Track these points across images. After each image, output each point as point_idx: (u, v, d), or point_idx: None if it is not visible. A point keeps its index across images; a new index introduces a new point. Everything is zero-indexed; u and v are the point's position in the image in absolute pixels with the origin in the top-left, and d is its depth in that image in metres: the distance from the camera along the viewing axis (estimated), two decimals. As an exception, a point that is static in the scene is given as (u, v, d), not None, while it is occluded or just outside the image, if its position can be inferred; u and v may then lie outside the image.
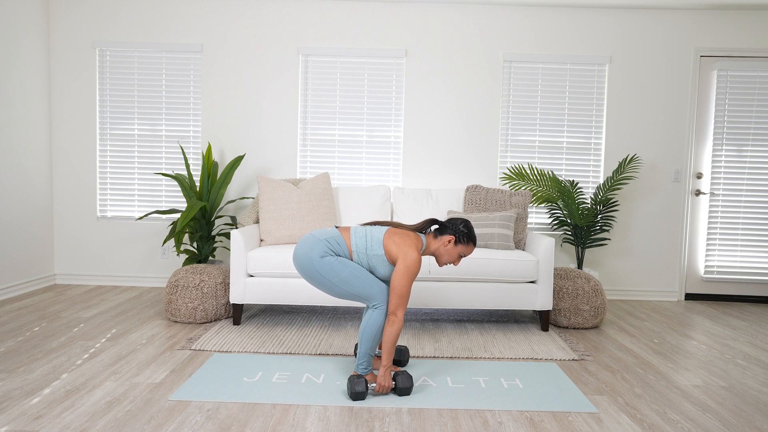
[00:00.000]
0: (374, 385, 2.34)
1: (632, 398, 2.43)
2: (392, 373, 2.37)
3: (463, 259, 2.59)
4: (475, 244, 2.48)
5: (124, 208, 4.59)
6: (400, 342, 3.15)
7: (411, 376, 2.36)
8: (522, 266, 3.35)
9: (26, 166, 4.23)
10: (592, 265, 4.60)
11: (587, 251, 4.59)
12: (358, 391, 2.27)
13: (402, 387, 2.34)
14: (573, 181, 4.15)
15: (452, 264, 2.52)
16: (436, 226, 2.50)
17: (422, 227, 2.47)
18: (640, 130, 4.54)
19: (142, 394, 2.33)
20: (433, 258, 3.30)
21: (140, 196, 4.58)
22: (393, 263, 2.37)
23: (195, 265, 3.64)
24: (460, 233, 2.44)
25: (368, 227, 2.45)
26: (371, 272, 2.43)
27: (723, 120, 4.51)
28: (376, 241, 2.38)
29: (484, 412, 2.23)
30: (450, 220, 2.48)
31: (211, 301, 3.46)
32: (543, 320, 3.45)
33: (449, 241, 2.43)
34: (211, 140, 4.54)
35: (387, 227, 2.45)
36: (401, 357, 2.69)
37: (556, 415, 2.23)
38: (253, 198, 4.27)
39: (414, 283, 3.34)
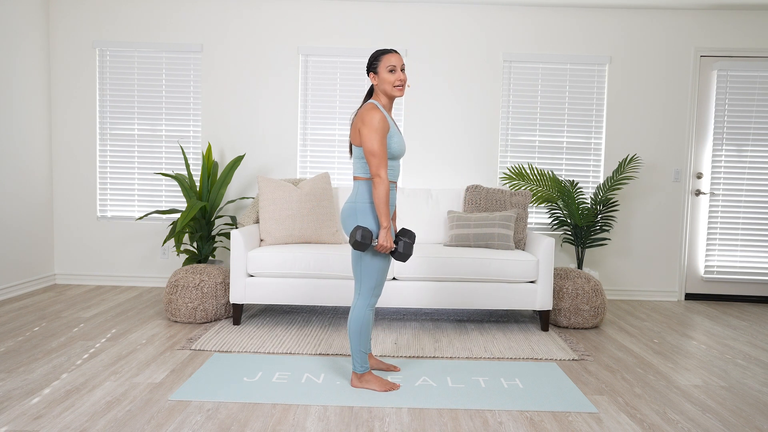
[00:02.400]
0: (376, 242, 2.31)
1: (632, 398, 2.43)
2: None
3: (404, 76, 2.42)
4: (389, 52, 2.38)
5: (124, 208, 4.59)
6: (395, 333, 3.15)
7: (412, 245, 2.36)
8: (522, 266, 3.35)
9: (26, 166, 4.23)
10: (592, 265, 4.61)
11: (587, 251, 4.59)
12: (357, 240, 2.25)
13: (402, 252, 2.34)
14: (573, 181, 4.15)
15: (400, 81, 2.38)
16: (370, 84, 2.49)
17: (366, 96, 2.49)
18: (640, 130, 4.54)
19: (142, 394, 2.33)
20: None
21: (140, 196, 4.58)
22: None
23: (195, 265, 3.64)
24: (370, 64, 2.39)
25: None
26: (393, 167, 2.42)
27: (723, 120, 4.51)
28: (357, 149, 2.36)
29: (484, 412, 2.23)
30: (367, 66, 2.44)
31: (211, 301, 3.46)
32: (543, 320, 3.45)
33: (373, 77, 2.39)
34: (211, 140, 4.54)
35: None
36: (406, 235, 2.58)
37: (556, 415, 2.23)
38: (253, 198, 4.27)
39: (414, 283, 3.34)
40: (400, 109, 4.53)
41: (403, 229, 2.44)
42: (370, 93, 2.49)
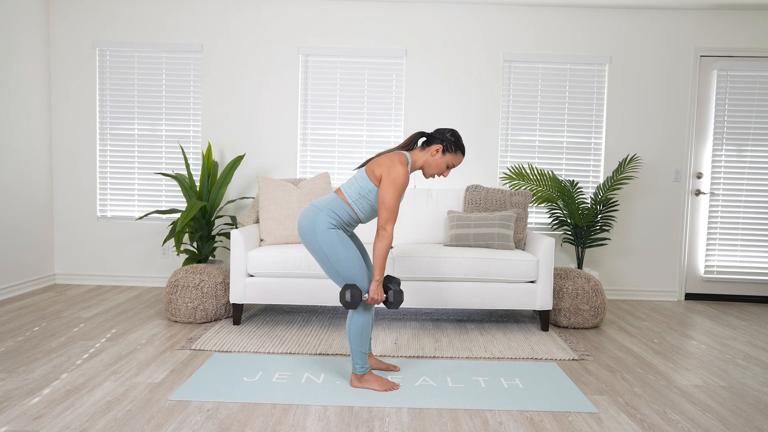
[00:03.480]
0: (367, 295, 2.32)
1: (632, 398, 2.43)
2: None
3: (452, 171, 2.50)
4: (463, 153, 2.44)
5: (124, 208, 4.59)
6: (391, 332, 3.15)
7: (402, 292, 2.38)
8: (522, 266, 3.35)
9: (26, 166, 4.23)
10: (592, 265, 4.60)
11: (587, 251, 4.59)
12: (347, 301, 2.26)
13: (393, 301, 2.36)
14: (573, 181, 4.15)
15: (441, 176, 2.47)
16: (423, 139, 2.48)
17: (408, 143, 2.44)
18: (640, 130, 4.54)
19: (142, 394, 2.33)
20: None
21: (140, 196, 4.58)
22: None
23: (195, 264, 3.64)
24: (447, 141, 2.40)
25: (354, 174, 2.44)
26: (376, 209, 2.40)
27: (723, 120, 4.51)
28: (362, 178, 2.36)
29: (484, 412, 2.23)
30: (437, 130, 2.44)
31: (211, 301, 3.46)
32: (543, 320, 3.45)
33: (437, 151, 2.40)
34: (211, 140, 4.54)
35: (370, 161, 2.43)
36: (392, 285, 2.60)
37: (556, 415, 2.23)
38: (253, 198, 4.27)
39: (414, 282, 3.34)
40: (401, 108, 4.53)
41: (388, 277, 2.47)
42: (414, 141, 2.44)
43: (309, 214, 2.36)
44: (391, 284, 2.42)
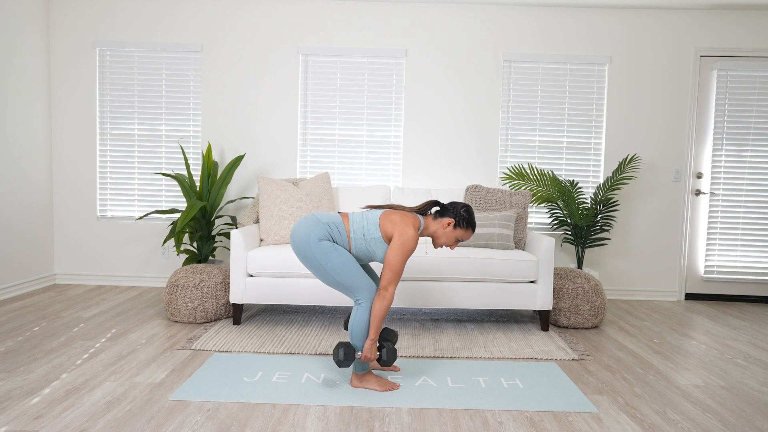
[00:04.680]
0: (360, 354, 2.34)
1: (632, 398, 2.43)
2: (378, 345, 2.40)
3: (459, 244, 2.56)
4: (474, 230, 2.49)
5: (124, 208, 4.59)
6: (393, 328, 3.15)
7: (396, 350, 2.41)
8: (522, 266, 3.35)
9: (26, 166, 4.23)
10: (592, 265, 4.60)
11: (587, 251, 4.59)
12: (340, 359, 2.28)
13: (387, 360, 2.38)
14: (573, 181, 4.15)
15: (448, 246, 2.52)
16: (437, 208, 2.51)
17: (422, 208, 2.47)
18: (640, 130, 4.54)
19: (142, 394, 2.33)
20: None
21: (140, 196, 4.58)
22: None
23: (195, 264, 3.64)
24: (460, 217, 2.44)
25: (366, 211, 2.45)
26: (371, 256, 2.42)
27: (723, 120, 4.51)
28: (373, 224, 2.38)
29: (484, 412, 2.23)
30: (452, 203, 2.47)
31: (211, 300, 3.46)
32: (543, 320, 3.45)
33: (449, 224, 2.43)
34: (211, 140, 4.54)
35: (384, 209, 2.45)
36: (390, 337, 2.65)
37: (556, 415, 2.23)
38: (253, 198, 4.26)
39: (414, 282, 3.34)
40: (401, 108, 4.53)
41: (385, 329, 2.47)
42: (428, 207, 2.47)
43: (307, 221, 2.37)
44: (386, 340, 2.47)
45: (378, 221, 2.38)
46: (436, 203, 2.48)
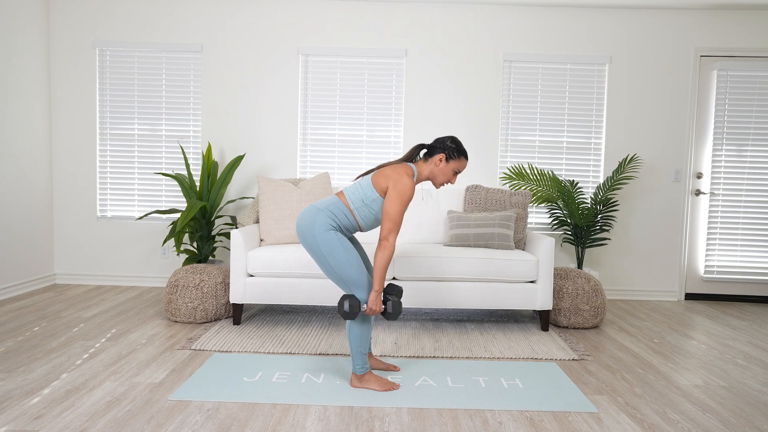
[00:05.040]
0: (365, 307, 2.32)
1: (632, 398, 2.43)
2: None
3: (458, 176, 2.51)
4: (467, 158, 2.47)
5: (124, 207, 4.59)
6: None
7: (401, 303, 2.38)
8: (522, 266, 3.35)
9: (26, 166, 4.23)
10: (592, 264, 4.60)
11: (587, 251, 4.59)
12: (346, 311, 2.26)
13: (392, 312, 2.36)
14: (573, 181, 4.15)
15: (450, 183, 2.51)
16: (425, 150, 2.50)
17: (410, 155, 2.46)
18: (640, 130, 4.54)
19: (142, 394, 2.33)
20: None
21: (140, 196, 4.58)
22: None
23: (195, 264, 3.64)
24: (449, 149, 2.43)
25: (359, 180, 2.45)
26: (378, 218, 2.41)
27: (723, 120, 4.51)
28: (367, 187, 2.37)
29: (484, 412, 2.23)
30: (436, 140, 2.46)
31: (211, 300, 3.46)
32: (543, 320, 3.45)
33: (440, 160, 2.42)
34: (211, 140, 4.54)
35: (374, 171, 2.45)
36: (394, 292, 2.59)
37: (556, 415, 2.23)
38: (253, 198, 4.27)
39: (414, 282, 3.34)
40: (401, 108, 4.53)
41: (390, 285, 2.45)
42: (416, 152, 2.46)
43: (308, 214, 2.36)
44: (391, 294, 2.43)
45: (371, 182, 2.37)
46: (422, 146, 2.47)
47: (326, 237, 2.31)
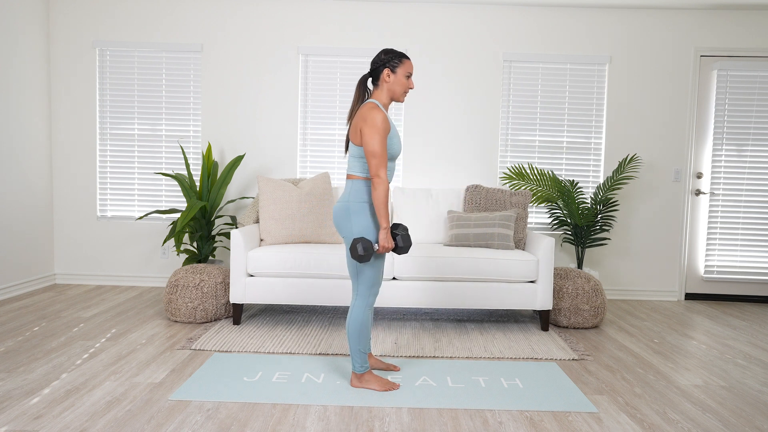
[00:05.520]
0: (377, 246, 2.33)
1: (632, 398, 2.43)
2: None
3: (412, 79, 2.44)
4: (408, 57, 2.42)
5: (124, 207, 4.59)
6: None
7: (410, 236, 2.39)
8: (522, 266, 3.35)
9: (26, 166, 4.23)
10: (592, 264, 4.61)
11: (587, 251, 4.59)
12: (361, 254, 2.27)
13: (403, 246, 2.38)
14: (573, 180, 4.15)
15: (410, 89, 2.46)
16: (370, 79, 2.48)
17: (361, 93, 2.43)
18: (640, 130, 4.54)
19: (142, 393, 2.33)
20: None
21: (140, 195, 4.58)
22: None
23: (195, 264, 3.64)
24: (388, 61, 2.38)
25: (349, 151, 2.46)
26: (388, 167, 2.42)
27: (723, 120, 4.51)
28: (354, 149, 2.37)
29: (484, 412, 2.23)
30: (372, 62, 2.41)
31: (211, 300, 3.46)
32: (543, 320, 3.45)
33: (387, 75, 2.38)
34: (211, 140, 4.54)
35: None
36: (398, 230, 2.58)
37: (556, 414, 2.23)
38: (253, 198, 4.27)
39: (414, 282, 3.34)
40: (400, 108, 4.53)
41: (394, 224, 2.45)
42: (363, 88, 2.44)
43: (340, 209, 2.39)
44: (396, 230, 2.43)
45: (353, 143, 2.37)
46: (364, 77, 2.44)
47: (362, 221, 2.34)
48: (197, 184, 4.55)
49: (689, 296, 4.62)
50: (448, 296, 3.35)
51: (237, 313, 3.40)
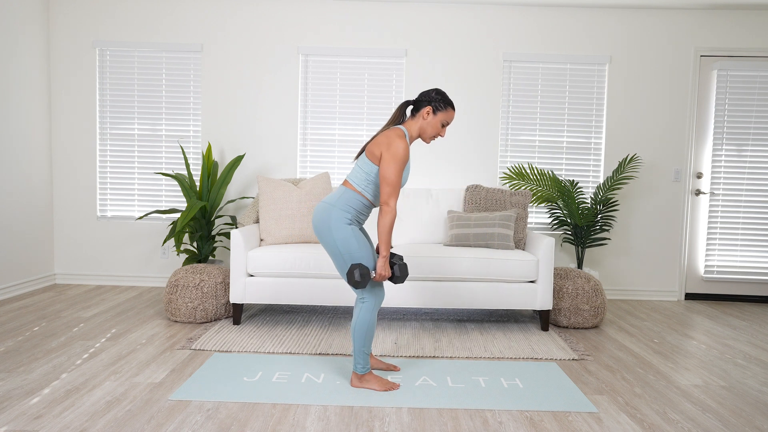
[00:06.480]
0: (374, 273, 2.32)
1: (632, 398, 2.43)
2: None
3: (447, 129, 2.47)
4: (453, 108, 2.44)
5: (124, 207, 4.59)
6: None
7: (407, 266, 2.39)
8: (522, 266, 3.35)
9: (26, 166, 4.23)
10: (592, 264, 4.61)
11: (587, 251, 4.59)
12: (357, 280, 2.26)
13: (400, 275, 2.37)
14: (573, 180, 4.15)
15: (440, 136, 2.48)
16: (411, 107, 2.49)
17: (398, 115, 2.44)
18: (640, 130, 4.54)
19: (142, 393, 2.33)
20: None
21: (140, 195, 4.58)
22: None
23: (195, 264, 3.64)
24: (435, 101, 2.40)
25: (357, 160, 2.45)
26: None
27: (723, 120, 4.51)
28: (366, 163, 2.36)
29: (484, 412, 2.23)
30: (422, 94, 2.44)
31: (211, 300, 3.46)
32: (543, 320, 3.45)
33: (428, 113, 2.40)
34: (211, 140, 4.54)
35: (369, 143, 2.43)
36: (395, 260, 2.59)
37: (556, 414, 2.23)
38: (253, 198, 4.27)
39: (414, 283, 3.34)
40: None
41: (390, 253, 2.46)
42: (401, 113, 2.44)
43: (323, 211, 2.36)
44: (393, 259, 2.43)
45: (366, 157, 2.36)
46: (408, 103, 2.45)
47: (342, 233, 2.31)
48: (197, 184, 4.55)
49: (689, 296, 4.62)
50: (448, 296, 3.35)
51: (237, 313, 3.40)
